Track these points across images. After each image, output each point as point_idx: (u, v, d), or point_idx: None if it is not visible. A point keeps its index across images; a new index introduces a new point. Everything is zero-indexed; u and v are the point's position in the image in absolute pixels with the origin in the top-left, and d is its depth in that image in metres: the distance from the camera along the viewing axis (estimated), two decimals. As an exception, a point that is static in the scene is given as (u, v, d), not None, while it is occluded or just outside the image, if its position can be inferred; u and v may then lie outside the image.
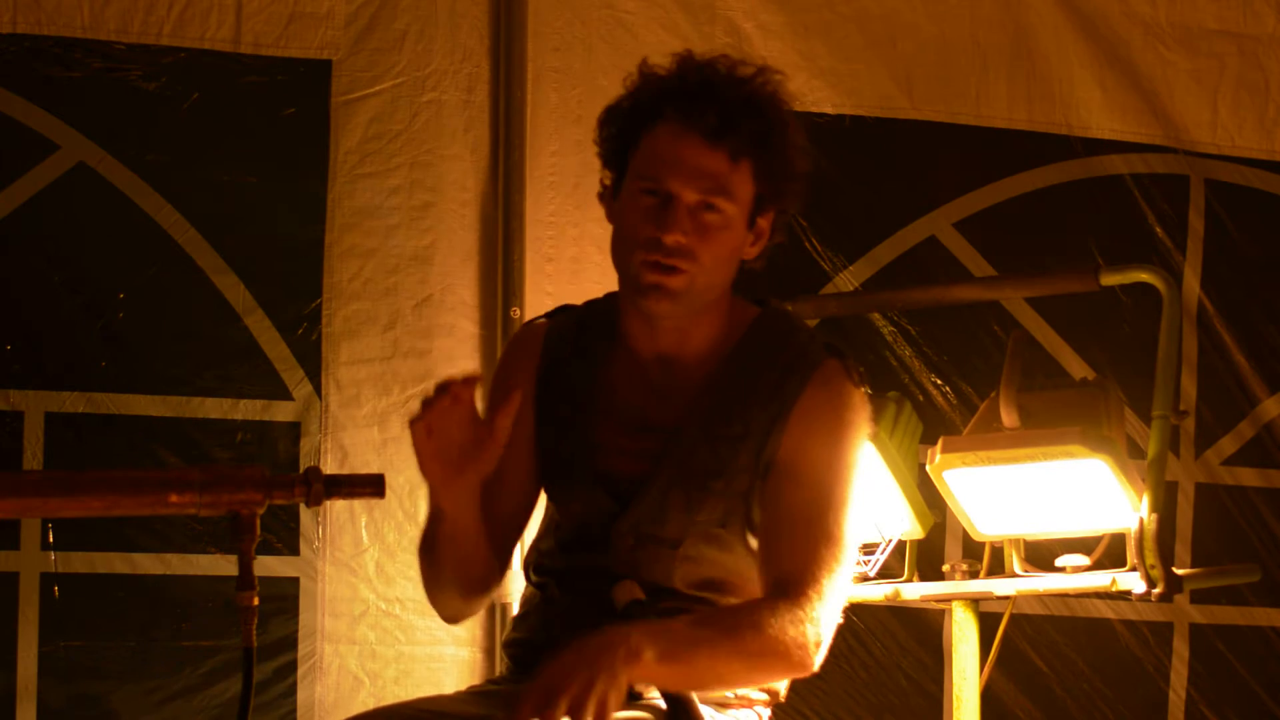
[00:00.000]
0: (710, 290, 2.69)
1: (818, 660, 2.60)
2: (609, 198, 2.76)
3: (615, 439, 2.72)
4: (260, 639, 3.96)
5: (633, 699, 2.63)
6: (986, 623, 3.58)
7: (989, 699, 3.67)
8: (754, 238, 2.74)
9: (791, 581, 2.59)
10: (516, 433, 2.73)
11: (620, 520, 2.69)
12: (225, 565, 4.07)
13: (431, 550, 2.70)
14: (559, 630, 2.71)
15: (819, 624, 2.58)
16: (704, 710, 2.59)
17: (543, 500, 2.86)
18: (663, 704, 2.59)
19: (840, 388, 2.69)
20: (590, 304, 2.87)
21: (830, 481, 2.65)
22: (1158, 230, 4.64)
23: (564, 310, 2.89)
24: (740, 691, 2.70)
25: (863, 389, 2.72)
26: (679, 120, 2.65)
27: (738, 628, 2.53)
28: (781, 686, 2.77)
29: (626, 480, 2.70)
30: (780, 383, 2.69)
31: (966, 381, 4.49)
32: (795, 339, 2.74)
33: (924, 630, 4.46)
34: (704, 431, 2.69)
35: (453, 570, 2.71)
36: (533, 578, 2.82)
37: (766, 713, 2.77)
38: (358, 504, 4.15)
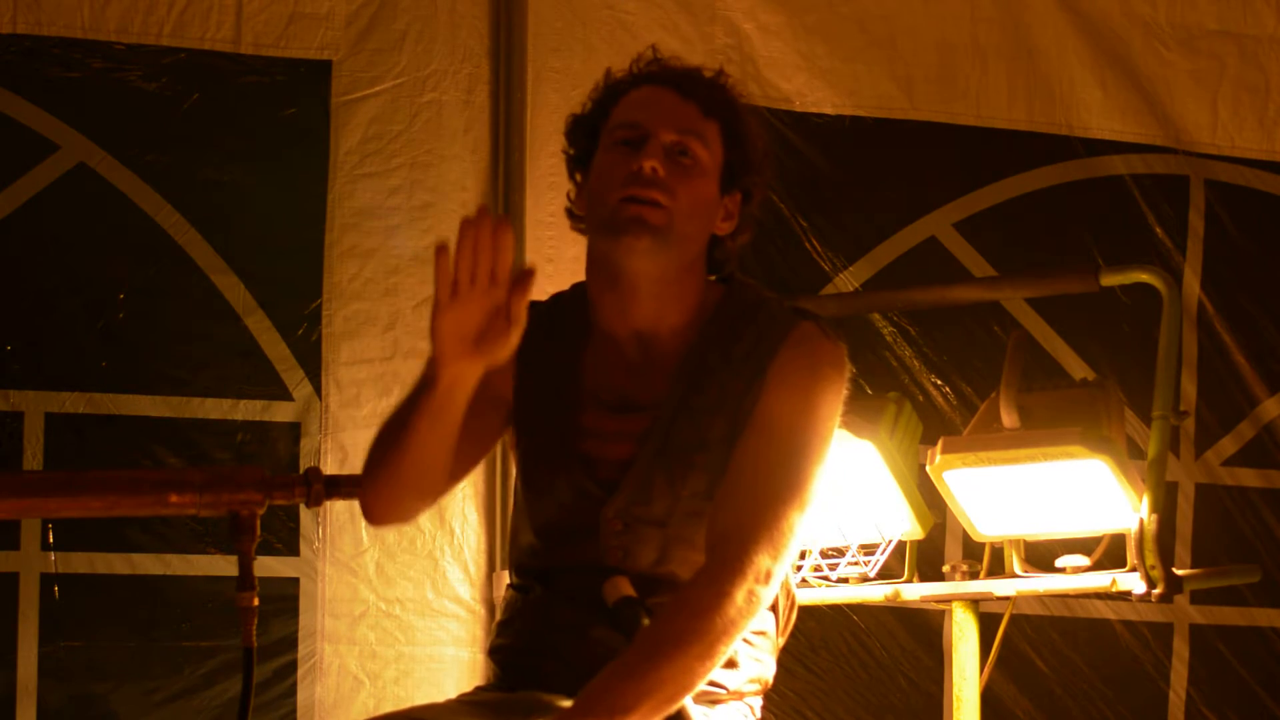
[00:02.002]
0: (685, 241, 2.69)
1: (761, 607, 2.59)
2: (580, 195, 2.79)
3: (598, 423, 2.72)
4: (260, 639, 3.94)
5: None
6: (986, 623, 3.57)
7: (989, 699, 3.67)
8: (724, 212, 2.76)
9: (732, 535, 2.58)
10: (485, 399, 2.72)
11: (607, 505, 2.68)
12: (225, 565, 4.07)
13: (401, 426, 2.61)
14: (546, 634, 2.71)
15: (756, 575, 2.56)
16: (695, 710, 2.58)
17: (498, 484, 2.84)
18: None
19: (815, 345, 2.70)
20: (557, 296, 2.88)
21: (798, 430, 2.65)
22: (1158, 230, 4.64)
23: (531, 304, 2.89)
24: (732, 687, 2.70)
25: (840, 345, 2.72)
26: (651, 81, 2.75)
27: (663, 649, 2.52)
28: (770, 674, 2.78)
29: (611, 464, 2.70)
30: (753, 349, 2.69)
31: (966, 382, 4.49)
32: (766, 307, 2.75)
33: (924, 630, 4.46)
34: (683, 405, 2.69)
35: (412, 460, 2.63)
36: (514, 580, 2.80)
37: (758, 702, 2.77)
38: (358, 504, 4.15)
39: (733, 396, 2.68)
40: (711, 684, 2.66)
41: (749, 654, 2.72)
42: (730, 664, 2.69)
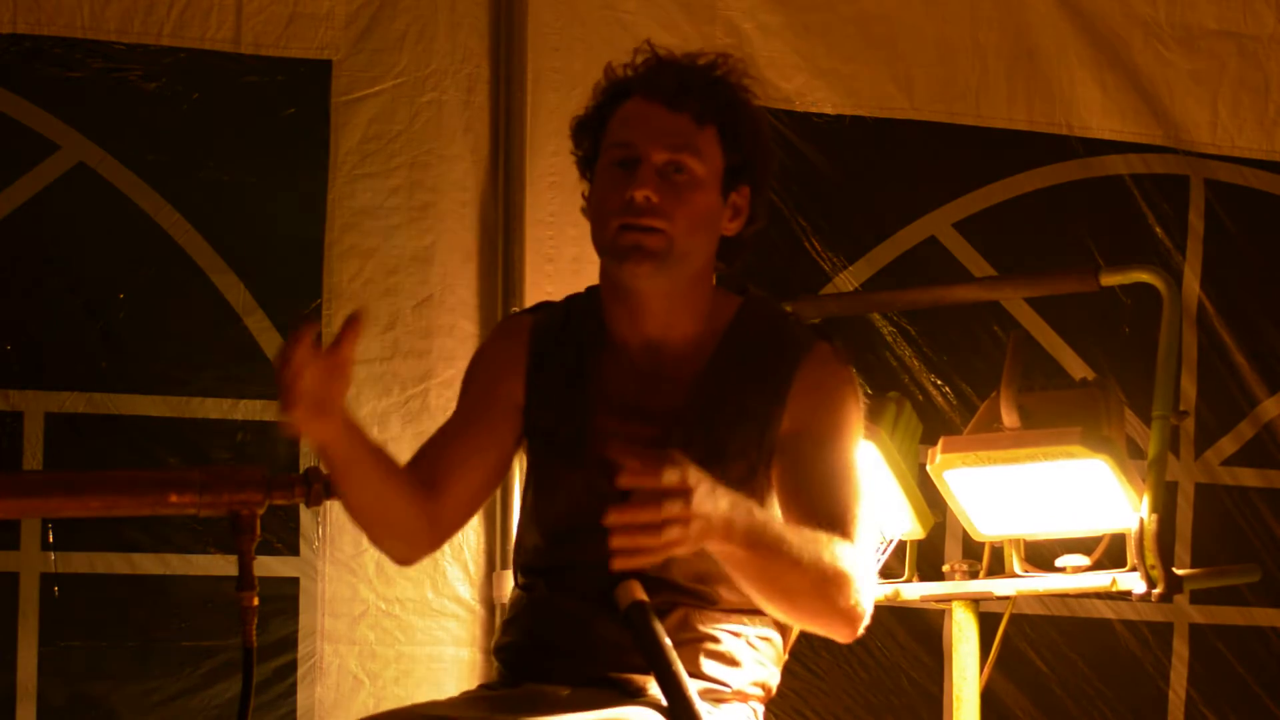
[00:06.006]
0: (688, 258, 2.70)
1: (861, 626, 2.64)
2: (590, 199, 2.80)
3: (611, 425, 2.72)
4: (260, 639, 3.94)
5: (632, 695, 2.64)
6: (986, 623, 3.57)
7: (989, 699, 3.67)
8: (731, 212, 2.77)
9: (845, 522, 2.65)
10: (496, 407, 2.75)
11: (616, 506, 2.68)
12: (225, 565, 4.07)
13: (341, 496, 2.66)
14: (551, 629, 2.72)
15: (868, 583, 2.63)
16: (701, 706, 2.59)
17: (515, 495, 2.86)
18: (663, 700, 2.58)
19: (835, 367, 2.75)
20: (572, 298, 2.88)
21: (846, 446, 2.71)
22: (1158, 230, 4.64)
23: (545, 306, 2.90)
24: (736, 686, 2.70)
25: (850, 368, 2.78)
26: (641, 93, 2.73)
27: (820, 546, 2.56)
28: (773, 682, 2.78)
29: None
30: (774, 365, 2.72)
31: (966, 381, 4.49)
32: (784, 323, 2.79)
33: (924, 630, 4.46)
34: (701, 417, 2.71)
35: (371, 513, 2.67)
36: (520, 579, 2.81)
37: (760, 708, 2.77)
38: (358, 504, 4.15)
39: (753, 413, 2.71)
40: (716, 681, 2.68)
41: (753, 656, 2.73)
42: (733, 663, 2.70)
